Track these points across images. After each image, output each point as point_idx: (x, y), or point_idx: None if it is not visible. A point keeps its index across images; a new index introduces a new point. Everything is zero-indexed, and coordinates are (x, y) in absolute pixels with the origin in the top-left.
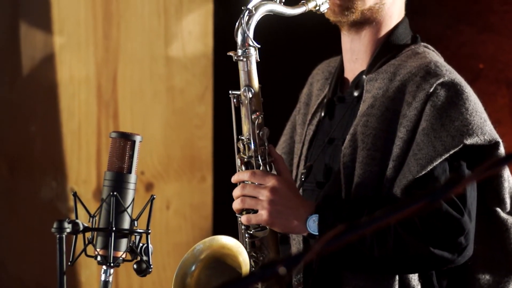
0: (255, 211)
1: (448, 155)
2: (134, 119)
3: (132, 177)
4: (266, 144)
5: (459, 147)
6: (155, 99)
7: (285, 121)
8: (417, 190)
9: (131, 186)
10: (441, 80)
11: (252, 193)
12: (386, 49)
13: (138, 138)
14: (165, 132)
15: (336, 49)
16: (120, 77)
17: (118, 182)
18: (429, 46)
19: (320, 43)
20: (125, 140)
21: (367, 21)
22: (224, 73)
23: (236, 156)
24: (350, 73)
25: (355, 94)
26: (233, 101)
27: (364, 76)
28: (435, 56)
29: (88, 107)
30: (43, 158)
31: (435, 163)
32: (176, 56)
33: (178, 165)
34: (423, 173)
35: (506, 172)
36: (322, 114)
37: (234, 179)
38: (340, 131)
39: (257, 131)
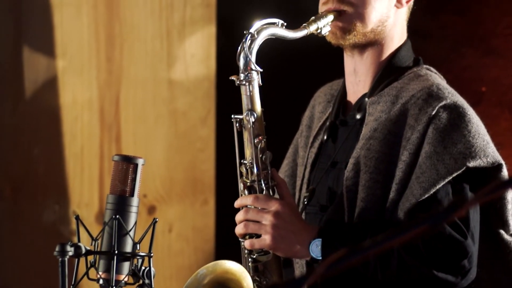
0: (258, 236)
1: (451, 178)
2: (137, 142)
3: (135, 200)
4: (269, 168)
5: (462, 169)
6: (157, 122)
7: (288, 145)
8: (420, 213)
9: (134, 209)
10: (443, 102)
11: (255, 217)
12: (389, 71)
13: (140, 161)
14: (168, 155)
15: (338, 72)
16: (122, 100)
17: (121, 205)
18: (432, 69)
19: (322, 65)
20: (127, 163)
21: (369, 43)
22: (227, 96)
23: (239, 180)
24: (353, 96)
25: (358, 117)
26: (236, 125)
27: (366, 99)
28: (437, 79)
29: (90, 130)
30: (46, 181)
31: (438, 186)
32: (179, 79)
33: (181, 188)
34: (426, 196)
35: (509, 194)
36: (325, 137)
37: (237, 203)
38: (343, 155)
39: (260, 155)
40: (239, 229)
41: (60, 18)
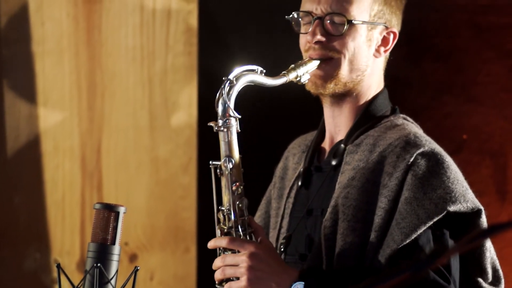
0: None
1: (431, 222)
2: (118, 189)
3: (116, 249)
4: (246, 214)
5: (442, 214)
6: (139, 169)
7: (265, 191)
8: (401, 259)
9: (115, 257)
10: (421, 150)
11: (232, 261)
12: (365, 119)
13: (122, 210)
14: (149, 203)
15: (317, 119)
16: (104, 148)
17: (102, 253)
18: (408, 118)
19: (300, 112)
20: (109, 212)
21: (348, 92)
22: (209, 143)
23: (216, 227)
24: (328, 142)
25: (333, 163)
26: (214, 171)
27: (342, 145)
28: (414, 128)
29: (72, 178)
30: (27, 229)
31: (419, 231)
32: (161, 126)
33: (162, 236)
34: (407, 241)
35: (488, 242)
36: (299, 183)
37: (210, 244)
38: (318, 202)
39: (237, 202)
40: (217, 275)
41: (42, 66)
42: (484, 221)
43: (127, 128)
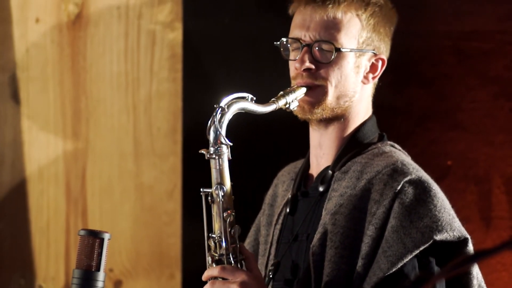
0: None
1: (418, 251)
2: (103, 216)
3: (101, 275)
4: (237, 242)
5: (429, 243)
6: (123, 196)
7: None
8: (387, 287)
9: (100, 284)
10: (408, 177)
11: None
12: (352, 145)
13: (106, 236)
14: (134, 229)
15: (307, 148)
16: (89, 174)
17: (87, 280)
18: (396, 145)
19: (291, 140)
20: (93, 238)
21: (336, 118)
22: (193, 170)
23: (207, 254)
24: (315, 169)
25: (320, 189)
26: (205, 199)
27: (329, 172)
28: (401, 155)
29: (56, 204)
30: (12, 255)
31: (405, 260)
32: (145, 153)
33: (147, 262)
34: (393, 270)
35: (475, 269)
36: (287, 210)
37: (204, 276)
38: (304, 227)
39: (229, 229)
40: None
41: (26, 92)
42: (471, 249)
43: (112, 154)
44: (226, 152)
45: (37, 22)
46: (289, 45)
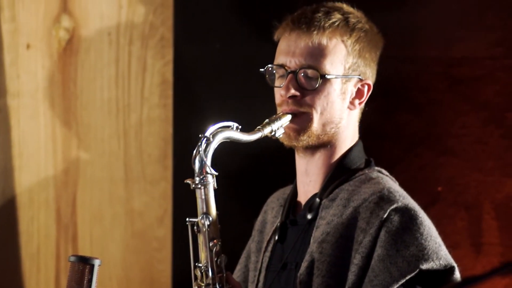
0: None
1: (404, 280)
2: (93, 242)
3: None
4: (224, 271)
5: (415, 272)
6: (114, 222)
7: (243, 248)
8: None
9: None
10: (394, 205)
11: None
12: (339, 172)
13: (97, 262)
14: (124, 255)
15: (295, 174)
16: (79, 200)
17: None
18: (383, 171)
19: (278, 167)
20: (84, 264)
21: (322, 144)
22: (184, 196)
23: (193, 284)
24: (303, 196)
25: (309, 217)
26: (191, 228)
27: (317, 199)
28: (389, 182)
29: (47, 230)
30: (2, 281)
31: None
32: (136, 178)
33: None
34: None
35: None
36: (276, 238)
37: None
38: (293, 255)
39: (215, 259)
40: None
41: (17, 118)
42: (457, 277)
43: (102, 180)
44: (211, 182)
45: (28, 48)
46: (274, 72)
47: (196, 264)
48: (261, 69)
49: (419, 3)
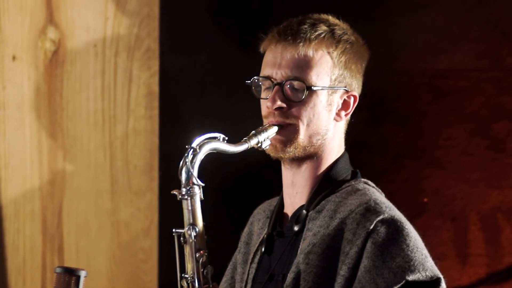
0: None
1: None
2: (79, 253)
3: None
4: (210, 282)
5: (401, 283)
6: (100, 233)
7: (230, 259)
8: None
9: None
10: (381, 217)
11: None
12: (326, 184)
13: (83, 273)
14: (110, 266)
15: (282, 186)
16: (65, 211)
17: None
18: (369, 182)
19: (265, 178)
20: (69, 275)
21: (308, 156)
22: (170, 206)
23: None
24: (290, 207)
25: (295, 228)
26: (177, 239)
27: (304, 211)
28: (375, 193)
29: (33, 242)
30: None
31: None
32: (122, 190)
33: None
34: None
35: None
36: (263, 249)
37: None
38: (280, 267)
39: (201, 270)
40: None
41: (3, 130)
42: None
43: (88, 191)
44: (198, 193)
45: (14, 60)
46: (260, 83)
47: (183, 275)
48: (247, 81)
49: (405, 15)
